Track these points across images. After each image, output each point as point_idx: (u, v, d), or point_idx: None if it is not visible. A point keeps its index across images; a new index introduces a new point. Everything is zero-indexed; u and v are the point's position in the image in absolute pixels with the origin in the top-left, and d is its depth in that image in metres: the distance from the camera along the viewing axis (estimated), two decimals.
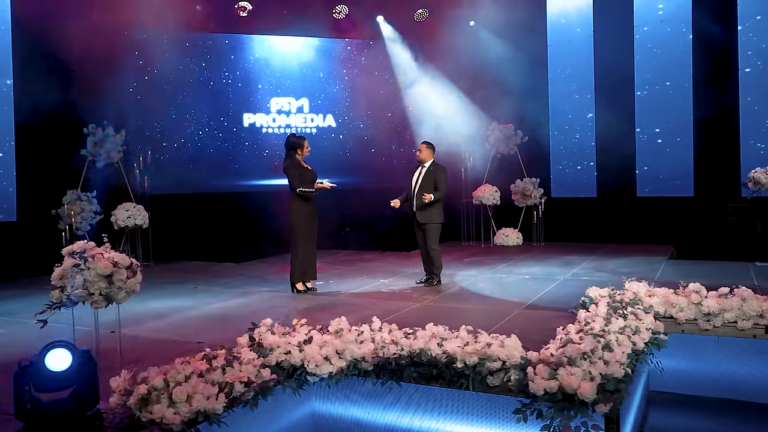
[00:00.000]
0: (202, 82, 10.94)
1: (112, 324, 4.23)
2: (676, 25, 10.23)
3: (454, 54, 11.66)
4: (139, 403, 3.08)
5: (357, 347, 3.92)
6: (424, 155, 7.09)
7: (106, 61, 9.63)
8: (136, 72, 10.10)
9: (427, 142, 7.24)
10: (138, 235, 9.42)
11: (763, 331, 4.61)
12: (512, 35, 11.65)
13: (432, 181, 6.96)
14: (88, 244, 3.44)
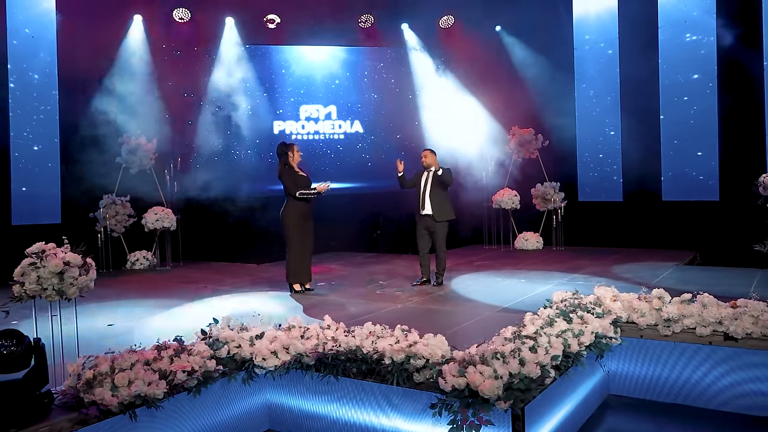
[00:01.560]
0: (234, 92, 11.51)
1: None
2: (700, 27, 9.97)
3: (478, 59, 11.77)
4: (84, 386, 3.48)
5: (301, 343, 4.21)
6: (429, 161, 7.34)
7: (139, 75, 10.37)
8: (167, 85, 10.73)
9: (430, 149, 7.51)
10: (168, 236, 10.04)
11: (721, 338, 4.59)
12: (538, 39, 11.67)
13: (440, 182, 7.19)
14: (48, 245, 3.90)
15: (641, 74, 10.57)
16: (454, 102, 11.88)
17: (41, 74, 9.45)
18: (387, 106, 12.59)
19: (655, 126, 10.49)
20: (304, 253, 7.09)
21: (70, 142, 9.65)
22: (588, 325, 4.46)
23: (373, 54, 12.54)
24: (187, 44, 11.34)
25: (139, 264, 9.80)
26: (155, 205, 9.98)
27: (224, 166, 11.30)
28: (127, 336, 5.23)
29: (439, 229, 7.18)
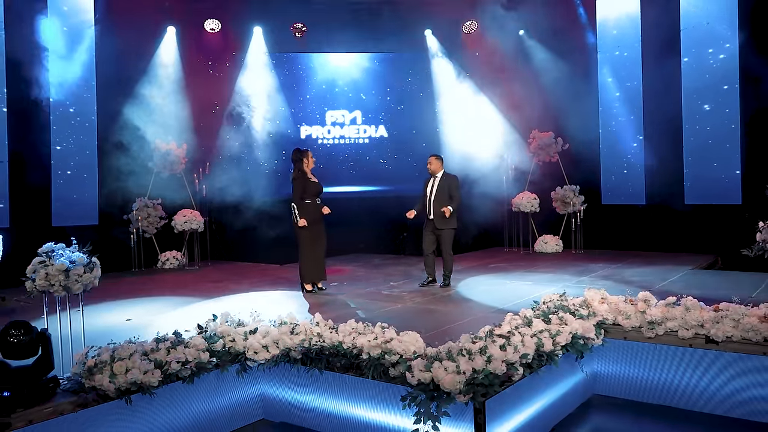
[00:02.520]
0: (261, 98, 11.96)
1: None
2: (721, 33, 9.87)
3: (500, 63, 11.89)
4: (86, 373, 3.86)
5: (290, 338, 4.51)
6: (435, 167, 7.55)
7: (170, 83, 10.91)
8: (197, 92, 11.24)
9: (436, 155, 7.71)
10: (196, 238, 10.53)
11: (703, 341, 4.67)
12: (560, 44, 11.72)
13: (446, 189, 7.41)
14: (57, 245, 4.30)
15: (663, 78, 10.53)
16: (475, 106, 12.03)
17: (80, 83, 10.04)
18: (410, 110, 12.83)
19: (677, 130, 10.41)
20: (316, 254, 7.39)
21: (106, 148, 10.23)
22: (566, 326, 4.61)
23: (396, 60, 12.80)
24: (217, 53, 11.85)
25: (169, 264, 10.31)
26: (185, 208, 10.47)
27: (251, 170, 11.77)
28: (141, 330, 5.59)
29: (444, 234, 7.40)
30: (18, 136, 9.11)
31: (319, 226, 7.41)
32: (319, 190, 7.38)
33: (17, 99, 9.12)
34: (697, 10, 10.15)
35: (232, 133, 11.78)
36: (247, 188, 11.27)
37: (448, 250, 7.46)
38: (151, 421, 4.01)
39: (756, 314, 4.58)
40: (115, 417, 3.84)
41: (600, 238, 11.05)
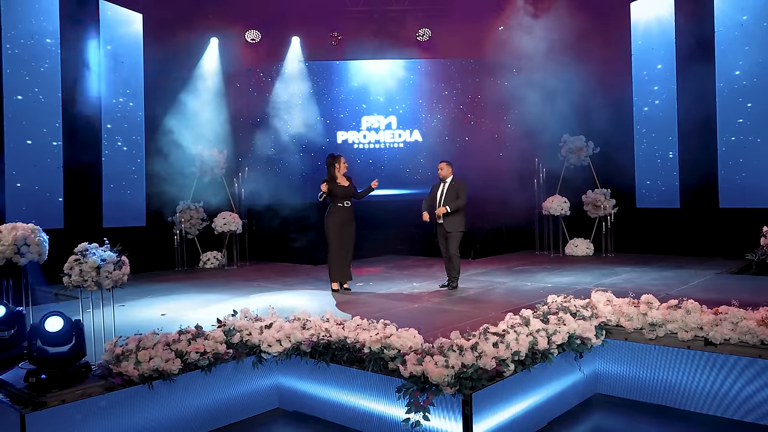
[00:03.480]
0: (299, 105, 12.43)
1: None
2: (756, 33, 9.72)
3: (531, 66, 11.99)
4: (114, 360, 4.29)
5: (300, 333, 4.84)
6: (445, 172, 7.80)
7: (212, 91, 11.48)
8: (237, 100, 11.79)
9: (447, 161, 7.94)
10: (235, 239, 11.05)
11: (702, 343, 4.76)
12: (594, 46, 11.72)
13: (455, 194, 7.65)
14: (92, 245, 4.76)
15: (697, 80, 10.43)
16: (507, 110, 12.16)
17: (128, 94, 10.72)
18: (444, 115, 13.06)
19: (711, 132, 10.30)
20: (343, 255, 7.74)
21: (152, 154, 10.87)
22: (564, 326, 4.78)
23: (430, 66, 13.06)
24: (256, 62, 12.39)
25: (210, 263, 10.86)
26: (224, 210, 11.01)
27: (288, 175, 12.25)
28: (173, 324, 6.02)
29: (452, 237, 7.64)
30: (72, 143, 9.80)
31: (348, 228, 7.75)
32: (346, 194, 7.71)
33: (71, 108, 9.82)
34: (732, 12, 10.02)
35: (269, 139, 12.30)
36: (284, 192, 11.75)
37: (456, 252, 7.72)
38: (170, 406, 4.40)
39: (754, 317, 4.65)
40: (138, 400, 4.25)
41: (633, 241, 11.02)
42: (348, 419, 4.60)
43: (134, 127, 10.80)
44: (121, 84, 10.64)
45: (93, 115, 10.20)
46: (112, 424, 4.10)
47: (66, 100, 9.67)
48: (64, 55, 9.64)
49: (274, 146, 12.37)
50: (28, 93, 9.19)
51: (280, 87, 12.46)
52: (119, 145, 10.64)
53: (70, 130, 9.76)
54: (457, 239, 7.72)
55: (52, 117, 9.46)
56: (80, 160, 9.94)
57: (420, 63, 13.12)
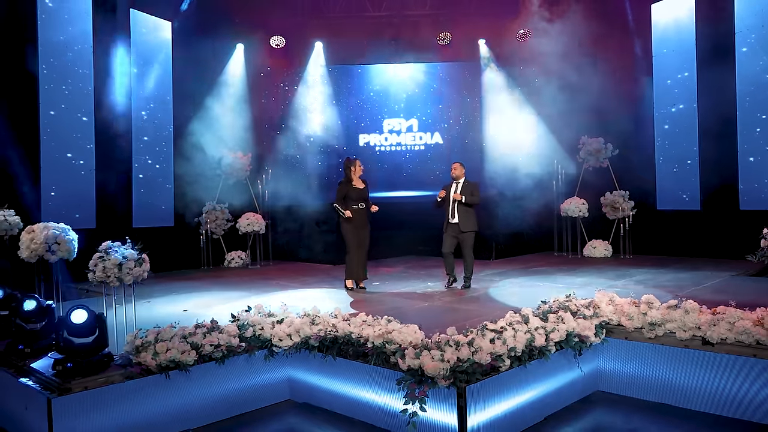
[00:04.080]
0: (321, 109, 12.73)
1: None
2: None
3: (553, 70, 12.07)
4: (133, 351, 4.60)
5: (309, 328, 5.09)
6: (458, 173, 7.99)
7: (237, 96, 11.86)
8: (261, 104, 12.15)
9: (460, 162, 8.14)
10: (259, 239, 11.39)
11: (699, 343, 4.87)
12: (614, 48, 11.77)
13: (469, 193, 7.83)
14: (114, 243, 5.08)
15: (717, 83, 10.39)
16: (526, 113, 12.27)
17: (157, 99, 11.13)
18: (464, 118, 13.22)
19: (732, 135, 10.25)
20: (359, 254, 7.98)
21: (180, 157, 11.27)
22: (563, 325, 4.93)
23: (450, 69, 13.23)
24: (281, 67, 12.73)
25: (234, 262, 11.21)
26: (250, 211, 11.36)
27: (312, 176, 12.55)
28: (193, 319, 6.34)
29: (466, 238, 7.82)
30: (103, 146, 10.23)
31: (362, 230, 7.98)
32: (361, 196, 7.95)
33: (103, 113, 10.24)
34: (752, 13, 9.97)
35: (292, 141, 12.62)
36: (306, 194, 12.05)
37: (470, 252, 7.90)
38: (186, 395, 4.69)
39: (750, 318, 4.74)
40: (156, 389, 4.55)
41: (653, 243, 11.03)
42: (354, 411, 4.83)
43: (163, 132, 11.21)
44: (150, 90, 11.05)
45: (124, 121, 10.61)
46: (132, 409, 4.40)
47: (98, 106, 10.09)
48: (96, 62, 10.07)
49: (297, 149, 12.70)
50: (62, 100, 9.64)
51: (302, 91, 12.79)
52: (148, 149, 11.05)
53: (102, 135, 10.18)
54: (472, 239, 7.91)
55: (84, 122, 9.90)
56: (111, 163, 10.36)
57: (440, 66, 13.30)
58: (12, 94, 9.04)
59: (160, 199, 11.18)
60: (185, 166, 11.22)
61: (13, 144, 8.99)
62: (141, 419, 4.44)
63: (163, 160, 11.22)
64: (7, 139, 8.88)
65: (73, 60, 9.73)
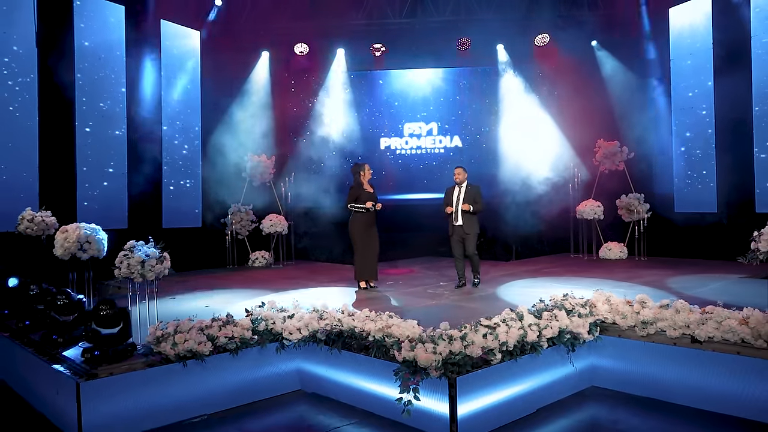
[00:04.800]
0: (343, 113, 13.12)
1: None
2: None
3: (571, 75, 12.26)
4: (154, 341, 5.01)
5: (317, 323, 5.45)
6: (461, 177, 8.28)
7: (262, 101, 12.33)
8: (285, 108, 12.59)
9: (462, 167, 8.41)
10: (282, 239, 11.82)
11: (688, 341, 5.07)
12: (631, 53, 11.90)
13: (471, 197, 8.11)
14: (138, 243, 5.51)
15: (733, 86, 10.45)
16: (544, 117, 12.47)
17: (186, 107, 11.66)
18: (483, 121, 13.47)
19: (748, 138, 10.31)
20: (367, 255, 8.31)
21: (207, 160, 11.78)
22: (556, 322, 5.19)
23: (470, 74, 13.49)
24: (304, 73, 13.17)
25: (258, 262, 11.66)
26: (273, 213, 11.80)
27: (333, 179, 12.93)
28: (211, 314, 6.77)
29: (469, 238, 8.09)
30: (135, 151, 10.78)
31: (371, 231, 8.32)
32: (371, 199, 8.27)
33: (134, 119, 10.80)
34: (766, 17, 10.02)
35: (315, 145, 13.04)
36: (328, 196, 12.44)
37: (474, 251, 8.18)
38: (201, 382, 5.08)
39: (736, 317, 4.93)
40: (174, 376, 4.95)
41: (669, 245, 11.12)
42: (357, 400, 5.16)
43: (191, 137, 11.74)
44: (179, 97, 11.58)
45: (154, 127, 11.17)
46: (152, 394, 4.81)
47: (130, 113, 10.65)
48: (129, 71, 10.63)
49: (319, 153, 13.12)
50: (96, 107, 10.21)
51: (325, 96, 13.21)
52: (178, 153, 11.58)
53: (134, 141, 10.73)
54: (474, 240, 8.20)
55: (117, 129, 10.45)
56: (142, 168, 10.90)
57: (460, 71, 13.56)
58: (49, 103, 9.60)
59: (189, 201, 11.70)
60: (212, 170, 11.72)
61: (50, 150, 9.57)
62: (160, 403, 4.84)
63: (191, 164, 11.74)
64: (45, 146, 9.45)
65: (107, 69, 10.32)
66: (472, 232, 8.18)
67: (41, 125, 9.41)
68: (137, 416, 4.72)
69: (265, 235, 11.68)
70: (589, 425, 4.76)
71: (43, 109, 9.44)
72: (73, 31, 9.94)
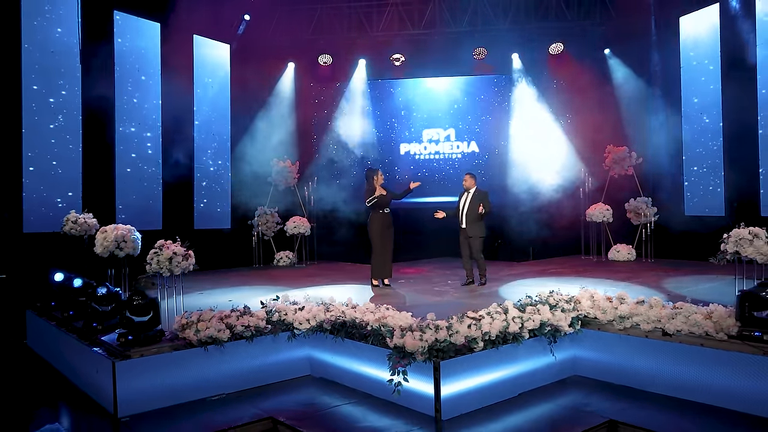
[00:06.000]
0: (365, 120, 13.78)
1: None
2: None
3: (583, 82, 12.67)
4: (179, 328, 5.71)
5: (323, 314, 6.08)
6: (468, 183, 8.82)
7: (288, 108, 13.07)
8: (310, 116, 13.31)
9: (471, 173, 8.94)
10: (305, 240, 12.53)
11: (660, 333, 5.54)
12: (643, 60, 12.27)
13: (479, 203, 8.64)
14: (166, 242, 6.22)
15: (740, 92, 10.76)
16: (557, 122, 12.91)
17: (217, 117, 12.46)
18: (499, 128, 13.97)
19: (753, 143, 10.60)
20: (384, 255, 8.92)
21: (236, 165, 12.57)
22: (538, 315, 5.71)
23: (486, 82, 14.00)
24: (328, 82, 13.87)
25: (283, 262, 12.38)
26: (297, 215, 12.52)
27: (355, 183, 13.59)
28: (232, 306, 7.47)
29: (474, 241, 8.62)
30: (169, 158, 11.61)
31: (389, 231, 8.92)
32: (386, 202, 8.87)
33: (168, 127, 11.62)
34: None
35: (338, 151, 13.73)
36: (350, 199, 13.10)
37: (479, 255, 8.70)
38: (220, 365, 5.75)
39: (702, 312, 5.39)
40: (196, 359, 5.63)
41: (677, 247, 11.43)
42: (358, 383, 5.77)
43: (221, 144, 12.54)
44: (210, 106, 12.40)
45: (187, 135, 11.99)
46: (177, 374, 5.51)
47: (165, 123, 11.48)
48: (163, 84, 11.47)
49: (341, 158, 13.81)
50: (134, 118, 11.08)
51: (347, 104, 13.91)
52: (209, 159, 12.40)
53: (168, 149, 11.56)
54: (478, 243, 8.70)
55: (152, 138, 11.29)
56: (177, 173, 11.71)
57: (477, 79, 14.08)
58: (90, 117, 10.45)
59: (218, 204, 12.50)
60: (240, 175, 12.49)
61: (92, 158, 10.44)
62: (184, 382, 5.54)
63: (221, 169, 12.54)
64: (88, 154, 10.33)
65: (143, 81, 11.17)
66: (475, 235, 8.71)
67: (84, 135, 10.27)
68: (164, 393, 5.42)
69: (289, 236, 12.39)
70: (563, 408, 5.26)
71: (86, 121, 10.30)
72: (113, 46, 10.81)
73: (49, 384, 6.43)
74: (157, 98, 11.39)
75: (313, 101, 13.87)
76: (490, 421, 4.98)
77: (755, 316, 5.03)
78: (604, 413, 5.03)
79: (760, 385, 4.81)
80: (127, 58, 11.01)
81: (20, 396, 6.13)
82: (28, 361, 7.39)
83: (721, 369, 5.07)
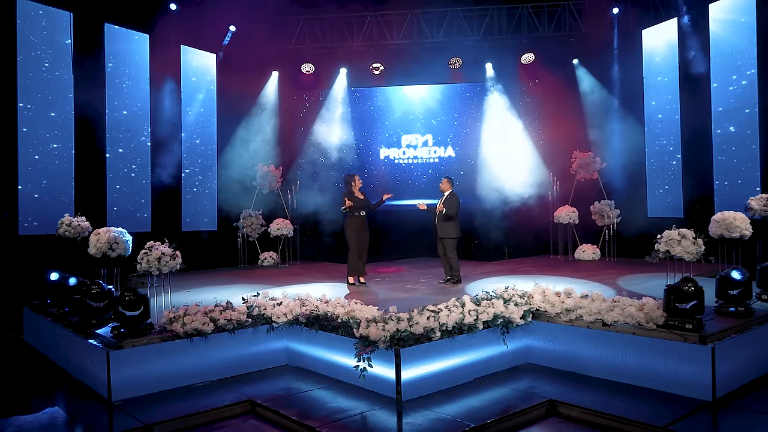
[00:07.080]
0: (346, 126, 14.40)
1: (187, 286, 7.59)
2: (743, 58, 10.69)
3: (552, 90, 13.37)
4: (167, 321, 6.29)
5: (299, 309, 6.68)
6: (444, 186, 9.44)
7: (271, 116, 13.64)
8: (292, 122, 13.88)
9: (447, 177, 9.56)
10: (288, 241, 13.11)
11: (600, 324, 6.19)
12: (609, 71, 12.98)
13: (448, 205, 9.28)
14: (155, 243, 6.80)
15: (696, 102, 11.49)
16: (528, 128, 13.59)
17: (203, 123, 13.04)
18: (473, 133, 14.63)
19: (707, 149, 11.32)
20: (359, 255, 9.52)
21: (222, 170, 13.14)
22: (491, 308, 6.34)
23: (461, 89, 14.66)
24: (310, 90, 14.48)
25: (267, 262, 12.95)
26: (280, 218, 13.10)
27: (336, 187, 14.19)
28: None
29: (446, 242, 9.24)
30: (158, 162, 12.16)
31: (363, 233, 9.52)
32: (362, 205, 9.48)
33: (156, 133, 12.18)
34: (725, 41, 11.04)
35: (319, 156, 14.32)
36: (332, 202, 13.69)
37: (450, 254, 9.32)
38: (205, 355, 6.32)
39: (636, 305, 6.05)
40: (183, 349, 6.21)
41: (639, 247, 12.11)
42: (330, 370, 6.36)
43: (208, 150, 13.12)
44: (197, 113, 12.97)
45: (175, 141, 12.55)
46: (165, 363, 6.08)
47: (154, 130, 12.03)
48: (152, 92, 12.02)
49: (324, 163, 14.41)
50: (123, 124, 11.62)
51: (329, 111, 14.52)
52: (196, 164, 12.96)
53: (157, 155, 12.12)
54: (450, 243, 9.32)
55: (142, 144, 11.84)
56: (165, 177, 12.27)
57: (452, 87, 14.74)
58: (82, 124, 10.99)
59: (205, 207, 13.07)
60: (226, 179, 13.06)
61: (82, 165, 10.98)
62: (172, 370, 6.11)
63: (208, 174, 13.11)
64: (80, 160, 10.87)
65: (133, 90, 11.73)
66: (445, 236, 9.33)
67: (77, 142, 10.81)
68: (153, 380, 5.99)
69: (273, 237, 12.97)
70: (512, 390, 5.88)
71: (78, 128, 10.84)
72: (104, 57, 11.35)
73: (47, 374, 6.99)
74: (146, 105, 11.95)
75: (297, 108, 14.48)
76: (446, 402, 5.58)
77: (678, 308, 5.69)
78: (547, 395, 5.65)
79: (680, 368, 5.47)
80: (118, 67, 11.55)
81: (20, 385, 6.68)
82: (26, 355, 7.94)
83: (649, 354, 5.72)
